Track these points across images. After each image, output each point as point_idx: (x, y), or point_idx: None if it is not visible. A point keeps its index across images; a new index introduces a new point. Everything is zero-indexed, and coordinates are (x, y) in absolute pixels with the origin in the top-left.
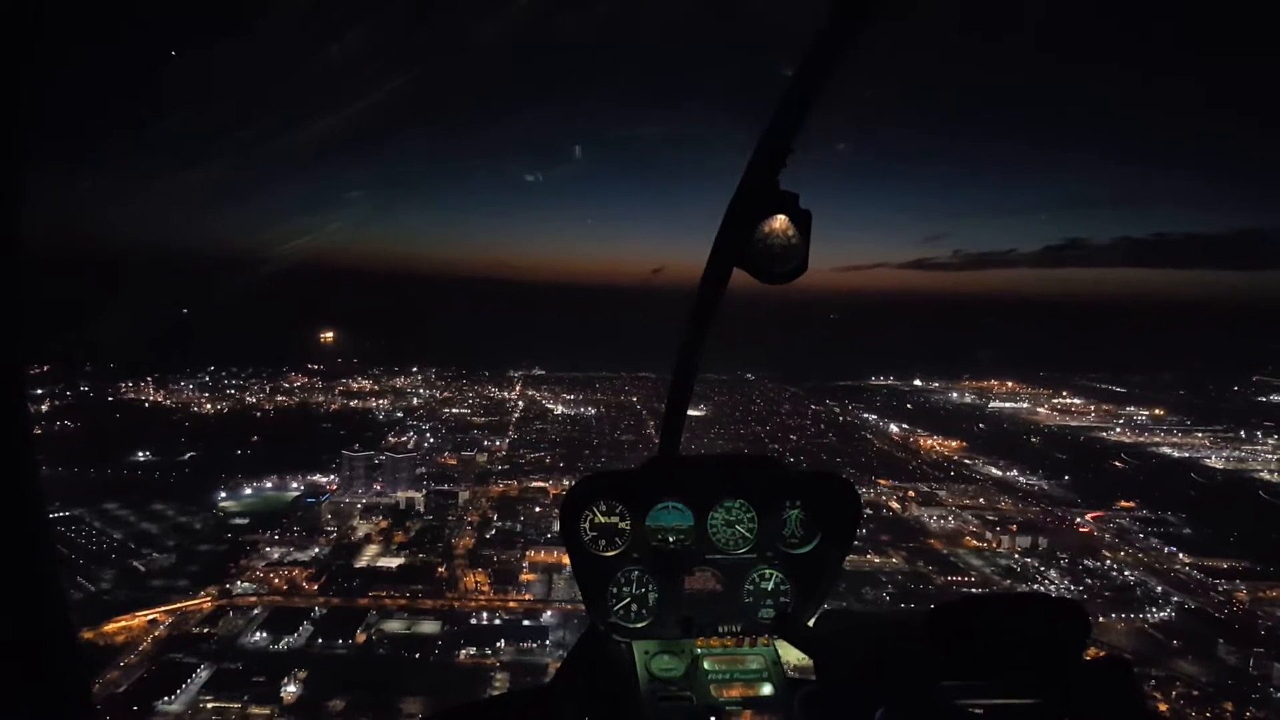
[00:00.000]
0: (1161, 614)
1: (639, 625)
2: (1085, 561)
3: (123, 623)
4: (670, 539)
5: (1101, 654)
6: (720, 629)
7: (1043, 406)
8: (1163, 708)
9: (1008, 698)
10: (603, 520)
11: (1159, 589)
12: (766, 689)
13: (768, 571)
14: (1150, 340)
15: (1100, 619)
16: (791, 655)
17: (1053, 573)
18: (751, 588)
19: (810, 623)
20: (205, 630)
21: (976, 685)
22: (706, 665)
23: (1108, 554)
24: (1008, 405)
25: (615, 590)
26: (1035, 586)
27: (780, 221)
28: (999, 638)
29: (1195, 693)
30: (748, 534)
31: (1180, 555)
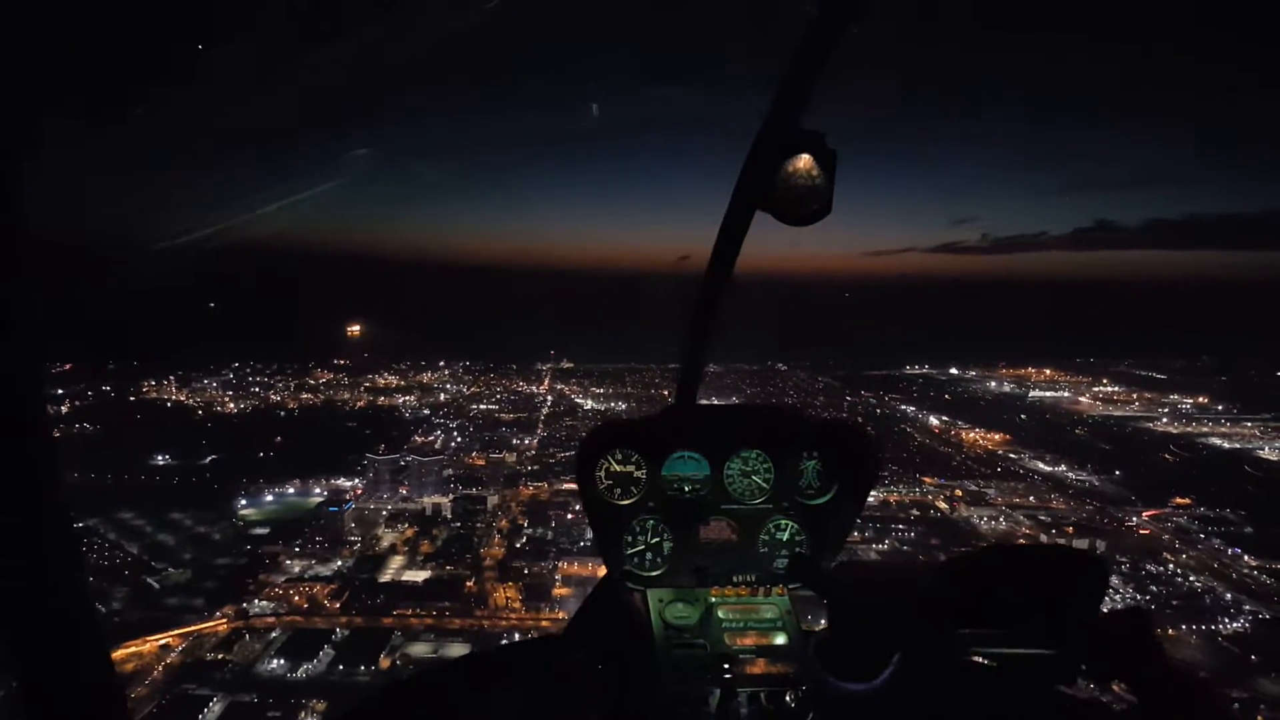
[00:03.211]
0: (1235, 625)
1: (653, 574)
2: (1148, 566)
3: (133, 649)
4: (686, 488)
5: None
6: (735, 579)
7: (1084, 395)
8: None
9: (1023, 648)
10: (618, 469)
11: (1228, 596)
12: (780, 638)
13: (783, 522)
14: (1185, 324)
15: (1170, 631)
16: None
17: (1114, 579)
18: (767, 538)
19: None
20: (220, 656)
21: (991, 635)
22: (720, 614)
23: (1169, 557)
24: (1048, 394)
25: (630, 539)
26: None
27: (804, 161)
28: (1015, 588)
29: None
30: (764, 484)
31: (1246, 558)
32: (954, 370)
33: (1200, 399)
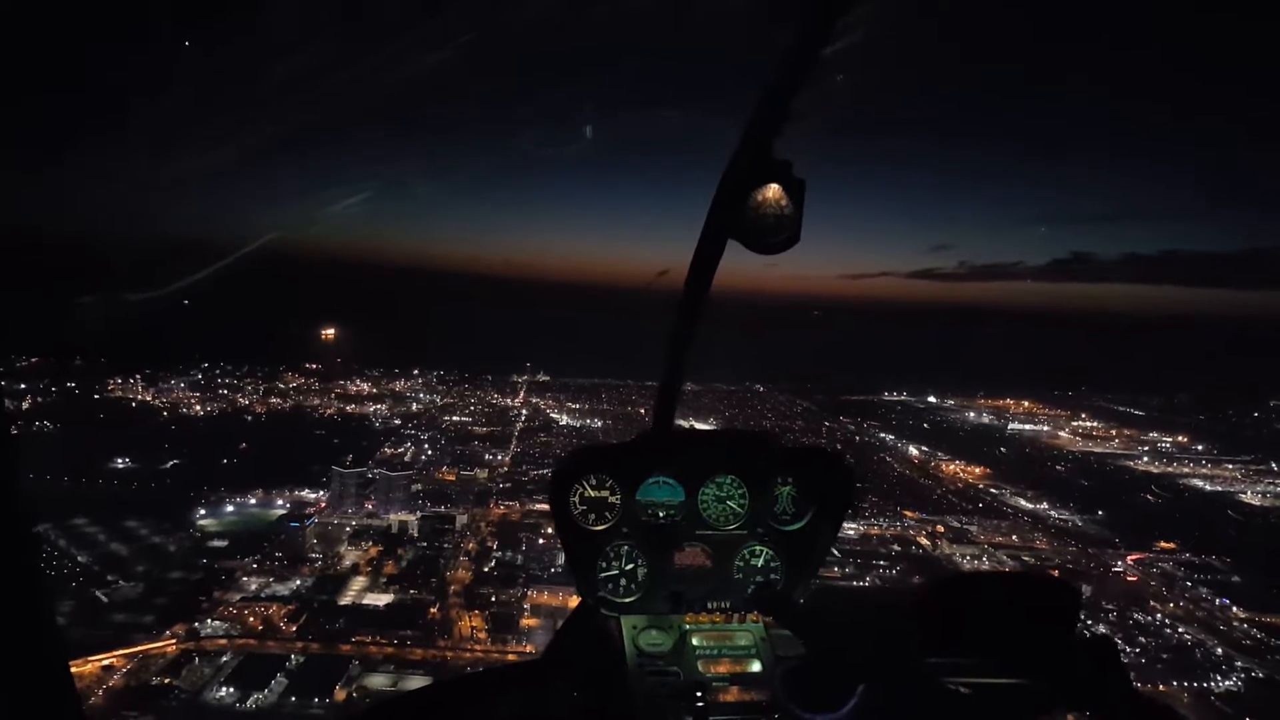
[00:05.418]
0: (1227, 683)
1: (628, 600)
2: (1135, 615)
3: (73, 669)
4: (660, 514)
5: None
6: (709, 605)
7: (1064, 430)
8: None
9: (994, 676)
10: (592, 494)
11: (1219, 651)
12: (755, 665)
13: (758, 548)
14: (1161, 359)
15: (1162, 686)
16: (784, 633)
17: (1101, 628)
18: (741, 564)
19: (800, 600)
20: (166, 680)
21: (962, 663)
22: (695, 641)
23: (1157, 606)
24: (1027, 427)
25: (604, 564)
26: None
27: (773, 191)
28: (989, 615)
29: None
30: (739, 510)
31: (1234, 609)
32: (932, 398)
33: (1180, 438)
